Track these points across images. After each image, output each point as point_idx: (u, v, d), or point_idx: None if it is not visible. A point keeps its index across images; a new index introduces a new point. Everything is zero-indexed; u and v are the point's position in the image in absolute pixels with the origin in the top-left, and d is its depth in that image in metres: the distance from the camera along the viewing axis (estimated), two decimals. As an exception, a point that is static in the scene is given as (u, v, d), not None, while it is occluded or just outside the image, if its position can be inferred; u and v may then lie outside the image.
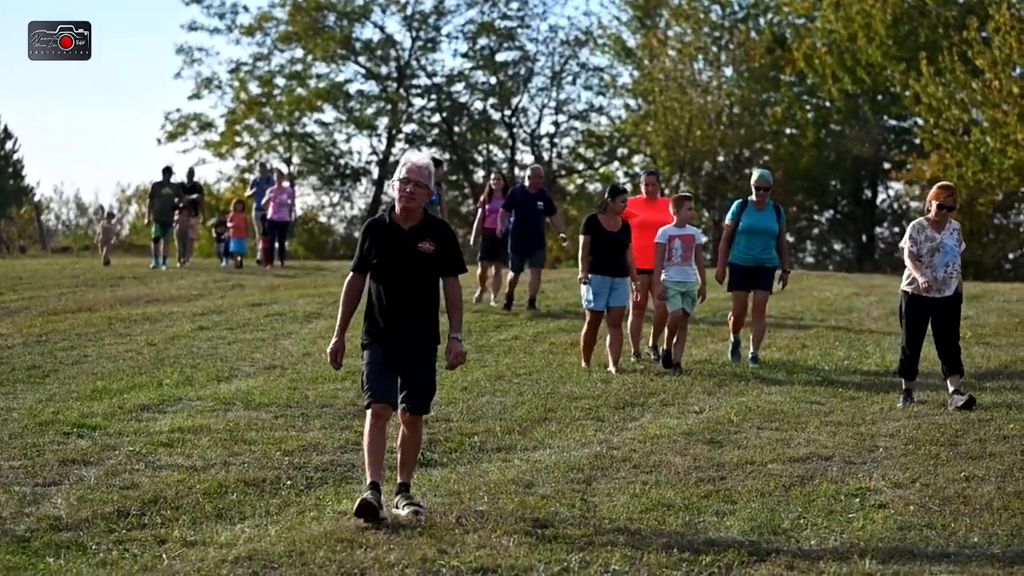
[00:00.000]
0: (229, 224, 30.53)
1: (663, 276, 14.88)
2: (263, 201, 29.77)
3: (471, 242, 21.79)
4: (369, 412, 8.47)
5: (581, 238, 14.96)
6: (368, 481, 8.33)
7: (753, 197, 15.45)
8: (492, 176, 21.49)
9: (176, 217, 30.56)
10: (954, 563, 7.30)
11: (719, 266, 15.56)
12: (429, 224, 8.69)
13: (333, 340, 8.65)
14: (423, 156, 8.73)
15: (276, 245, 30.21)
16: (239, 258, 30.38)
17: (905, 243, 12.71)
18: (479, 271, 21.37)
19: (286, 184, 30.44)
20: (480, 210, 21.26)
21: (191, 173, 33.07)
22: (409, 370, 8.50)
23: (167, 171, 30.69)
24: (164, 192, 30.37)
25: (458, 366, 8.67)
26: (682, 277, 14.83)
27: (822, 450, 10.37)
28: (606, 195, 15.14)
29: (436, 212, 20.34)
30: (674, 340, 14.88)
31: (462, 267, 8.73)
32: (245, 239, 30.05)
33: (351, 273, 8.72)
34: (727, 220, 15.54)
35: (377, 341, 8.55)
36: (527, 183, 20.43)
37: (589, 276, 14.83)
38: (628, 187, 20.50)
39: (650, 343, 16.25)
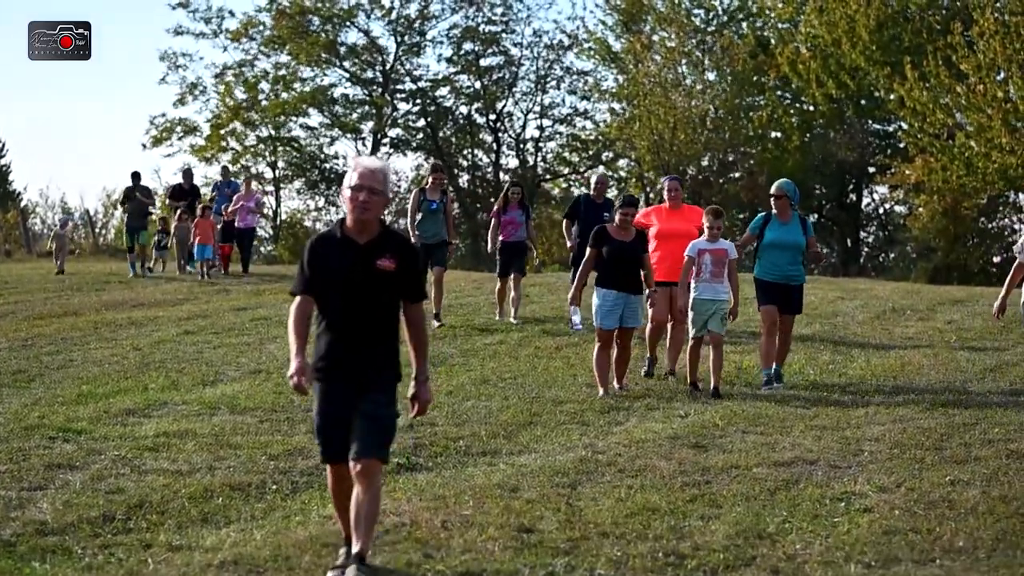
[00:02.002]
0: (194, 229, 29.14)
1: (692, 294, 13.92)
2: (229, 208, 28.75)
3: (488, 249, 20.51)
4: (328, 470, 7.53)
5: (588, 251, 13.90)
6: (343, 535, 7.51)
7: (774, 209, 14.48)
8: (511, 186, 20.26)
9: (175, 224, 30.15)
10: (939, 567, 7.32)
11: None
12: (388, 238, 7.41)
13: (293, 364, 7.26)
14: (375, 159, 7.48)
15: (244, 253, 29.16)
16: (206, 263, 29.02)
17: (1019, 251, 11.85)
18: (497, 287, 19.96)
19: (255, 186, 29.81)
20: (494, 220, 19.92)
21: (189, 175, 32.23)
22: (363, 411, 7.26)
23: (135, 176, 29.65)
24: (135, 197, 29.44)
25: (424, 414, 7.56)
26: (712, 295, 13.82)
27: (807, 454, 10.39)
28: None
29: (439, 220, 19.15)
30: (691, 362, 13.86)
31: (424, 293, 7.55)
32: (211, 245, 28.98)
33: (297, 297, 7.44)
34: (748, 230, 14.68)
35: (328, 378, 7.34)
36: (592, 191, 19.23)
37: (601, 291, 13.68)
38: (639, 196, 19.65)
39: (668, 367, 14.93)
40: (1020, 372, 14.57)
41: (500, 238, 19.70)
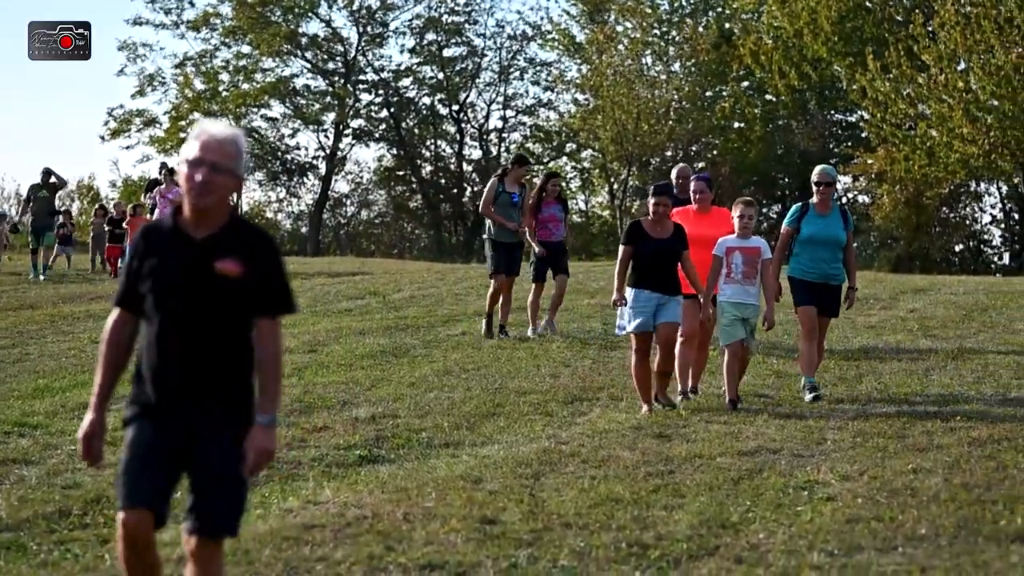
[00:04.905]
0: (126, 227, 27.81)
1: (720, 297, 12.41)
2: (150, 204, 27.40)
3: (536, 253, 17.42)
4: (120, 525, 5.50)
5: (620, 248, 12.34)
6: None
7: (814, 199, 13.01)
8: (548, 178, 17.92)
9: (92, 221, 29.68)
10: (901, 555, 7.30)
11: (772, 280, 12.66)
12: (236, 231, 5.58)
13: (87, 418, 5.69)
14: (224, 126, 5.75)
15: None
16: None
17: None
18: (531, 298, 17.52)
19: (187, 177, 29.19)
20: (530, 218, 17.38)
21: (171, 172, 31.05)
22: (199, 468, 5.52)
23: (46, 173, 27.76)
24: (41, 196, 27.68)
25: (259, 469, 5.57)
26: (743, 298, 12.31)
27: (770, 443, 10.38)
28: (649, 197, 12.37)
29: (516, 215, 17.32)
30: (729, 377, 12.33)
31: (288, 304, 5.66)
32: None
33: (114, 310, 5.69)
34: (784, 226, 13.23)
35: (146, 417, 5.59)
36: (675, 188, 14.68)
37: (633, 291, 12.12)
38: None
39: (689, 383, 12.97)
40: (982, 360, 14.60)
41: (538, 238, 17.40)
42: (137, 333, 5.67)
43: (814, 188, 13.06)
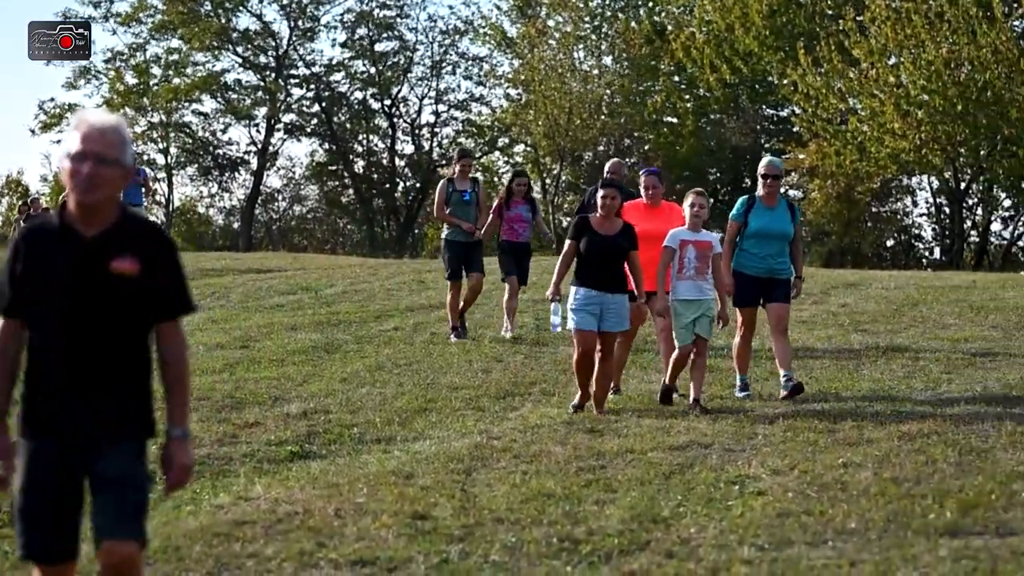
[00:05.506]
0: None
1: (672, 295, 12.06)
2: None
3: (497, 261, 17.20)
4: (35, 573, 5.23)
5: (566, 243, 11.86)
6: None
7: (760, 191, 12.84)
8: (515, 176, 17.45)
9: (19, 218, 29.51)
10: (831, 549, 7.33)
11: (724, 276, 12.41)
12: (129, 227, 5.19)
13: None
14: (106, 114, 5.26)
15: None
16: None
17: None
18: (506, 297, 16.85)
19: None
20: (493, 216, 16.95)
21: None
22: (101, 483, 5.15)
23: None
24: None
25: (182, 487, 5.40)
26: (696, 295, 11.95)
27: (702, 438, 10.39)
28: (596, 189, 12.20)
29: (472, 213, 16.84)
30: (673, 371, 12.05)
31: (187, 303, 5.35)
32: None
33: None
34: (730, 220, 12.90)
35: (41, 437, 5.13)
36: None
37: (575, 288, 11.66)
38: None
39: (665, 379, 12.35)
40: (912, 355, 14.71)
41: (503, 238, 16.91)
42: (22, 340, 5.21)
43: (760, 180, 12.87)
